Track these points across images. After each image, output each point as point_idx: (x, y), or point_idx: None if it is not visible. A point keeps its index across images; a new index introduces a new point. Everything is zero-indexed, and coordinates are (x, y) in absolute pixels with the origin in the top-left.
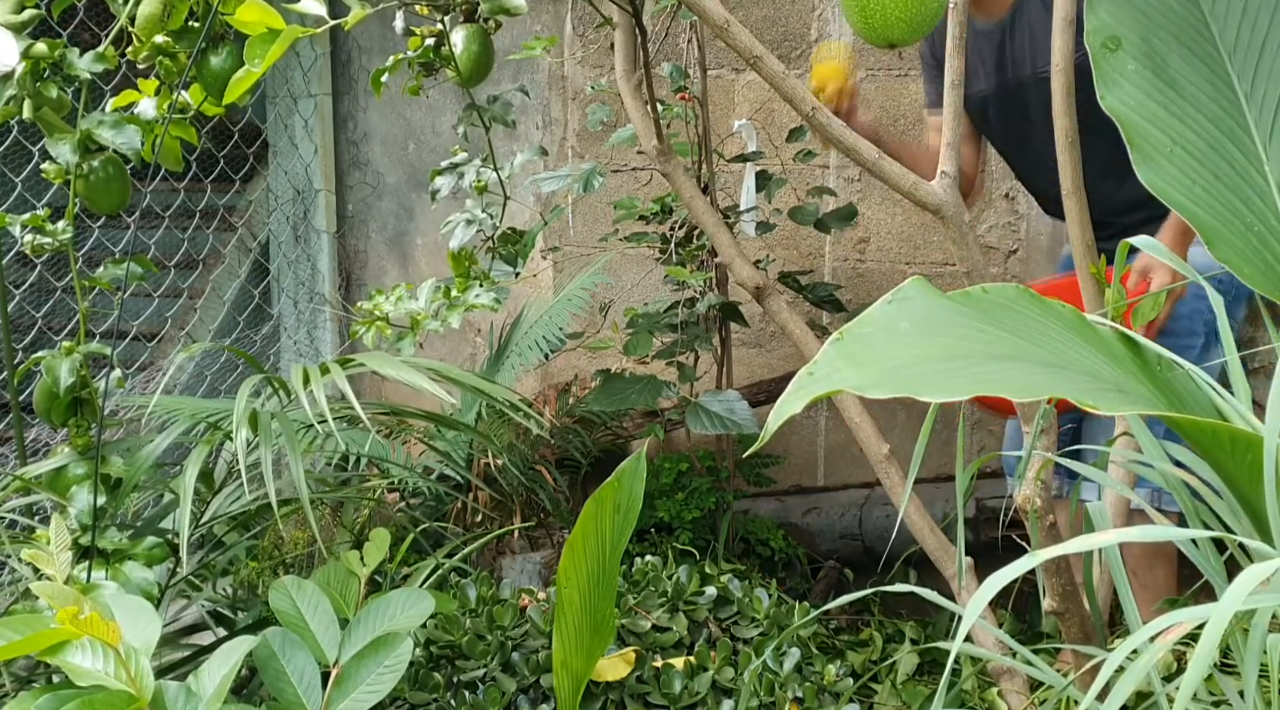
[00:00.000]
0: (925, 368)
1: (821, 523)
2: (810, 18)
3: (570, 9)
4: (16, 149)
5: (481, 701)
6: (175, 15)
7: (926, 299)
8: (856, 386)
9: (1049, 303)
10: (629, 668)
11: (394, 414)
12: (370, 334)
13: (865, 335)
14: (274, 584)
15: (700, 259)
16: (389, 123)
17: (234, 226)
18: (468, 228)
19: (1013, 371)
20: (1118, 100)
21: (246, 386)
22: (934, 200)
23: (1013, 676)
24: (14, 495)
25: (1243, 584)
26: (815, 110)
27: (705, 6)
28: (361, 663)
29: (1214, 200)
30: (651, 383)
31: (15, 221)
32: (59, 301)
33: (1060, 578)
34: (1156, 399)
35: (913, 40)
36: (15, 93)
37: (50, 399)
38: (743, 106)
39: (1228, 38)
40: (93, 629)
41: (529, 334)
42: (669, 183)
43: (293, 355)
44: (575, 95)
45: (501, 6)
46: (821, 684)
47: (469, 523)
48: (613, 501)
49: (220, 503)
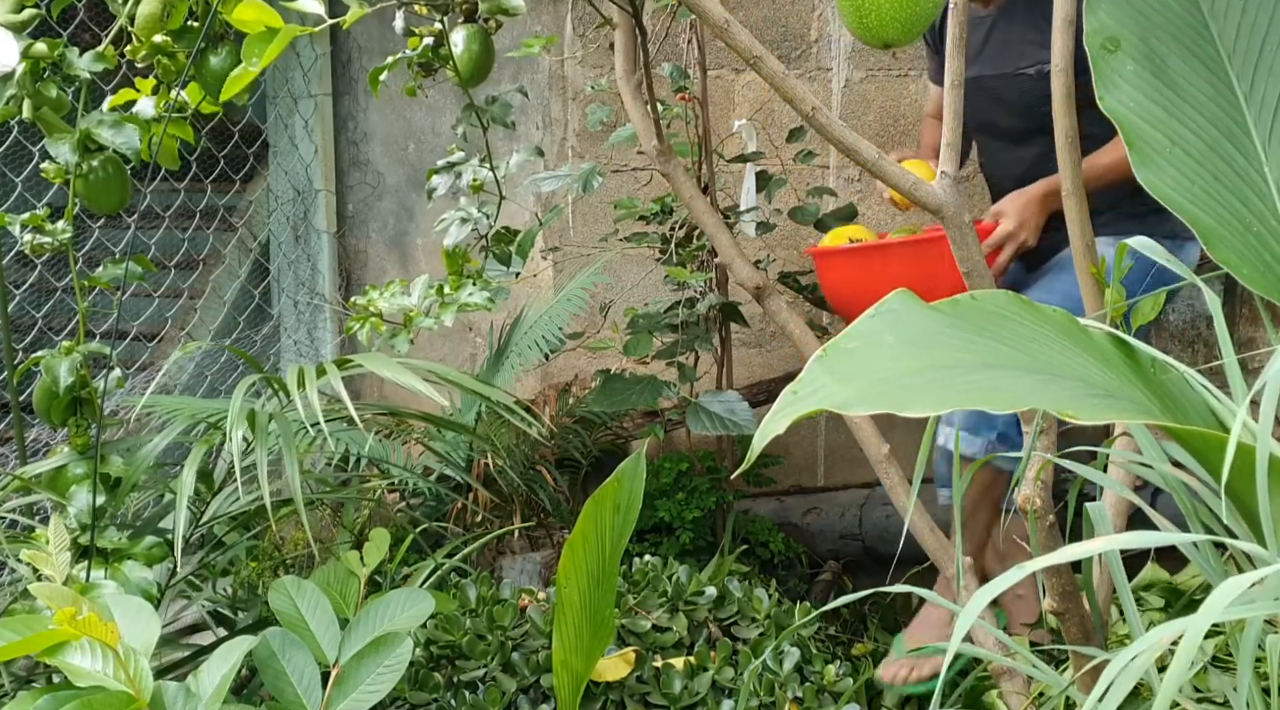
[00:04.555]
0: (910, 381)
1: (821, 523)
2: (810, 18)
3: (570, 9)
4: (16, 149)
5: (481, 701)
6: (175, 15)
7: (911, 310)
8: (841, 404)
9: (1041, 308)
10: (629, 668)
11: (393, 415)
12: (365, 330)
13: (850, 350)
14: (274, 584)
15: (700, 259)
16: (389, 123)
17: (234, 226)
18: (462, 226)
19: (999, 381)
20: (1117, 101)
21: (243, 386)
22: (934, 200)
23: (1012, 677)
24: (14, 495)
25: (1220, 597)
26: (815, 110)
27: (705, 6)
28: (361, 663)
29: (1213, 201)
30: (652, 383)
31: (15, 221)
32: (59, 301)
33: (1060, 578)
34: (1149, 403)
35: (908, 40)
36: (15, 93)
37: (50, 399)
38: (743, 106)
39: (1227, 38)
40: (91, 629)
41: (529, 334)
42: (669, 183)
43: (293, 355)
44: (575, 95)
45: (501, 6)
46: (821, 684)
47: (469, 523)
48: (613, 501)
49: (220, 503)
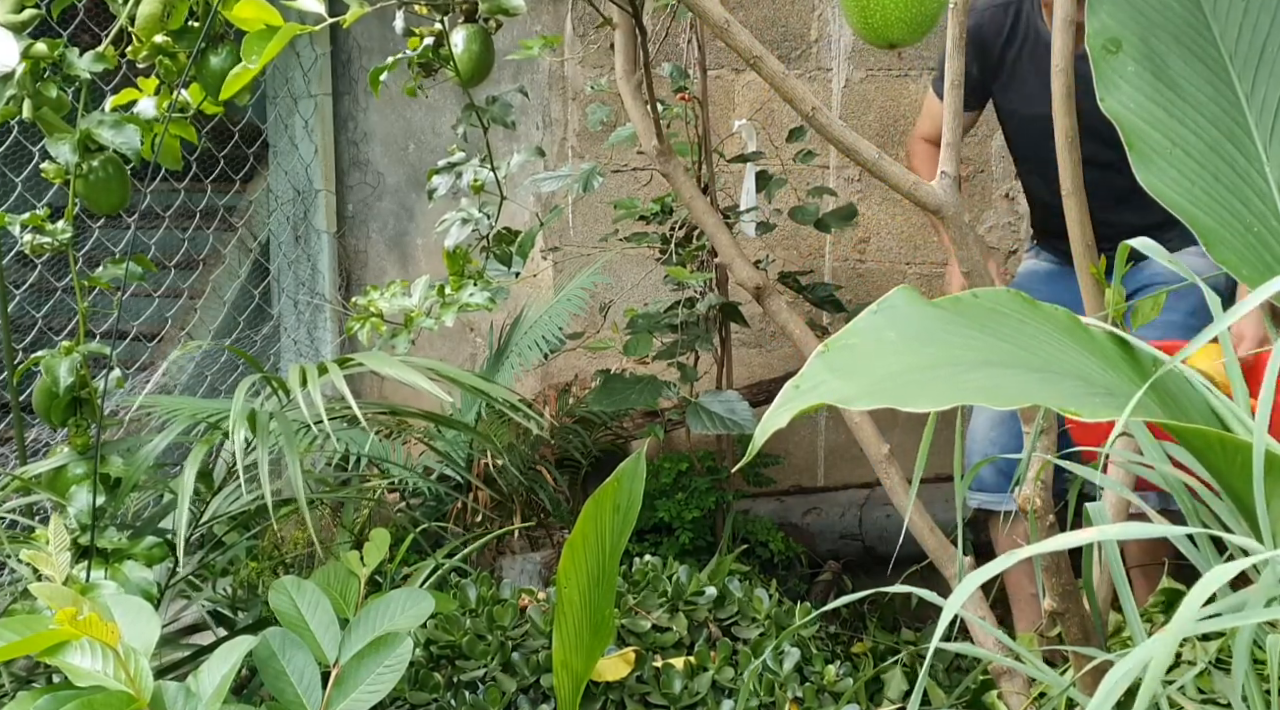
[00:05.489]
0: (910, 377)
1: (821, 523)
2: (810, 18)
3: (570, 9)
4: (16, 149)
5: (481, 701)
6: (175, 15)
7: (913, 307)
8: (842, 399)
9: (1041, 306)
10: (629, 668)
11: (393, 414)
12: (365, 330)
13: (851, 346)
14: (274, 584)
15: (700, 259)
16: (389, 123)
17: (234, 227)
18: (463, 227)
19: (998, 378)
20: (1117, 102)
21: (244, 386)
22: (934, 200)
23: (1012, 677)
24: (14, 495)
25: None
26: (815, 110)
27: (705, 6)
28: (361, 663)
29: (1213, 202)
30: (652, 383)
31: (15, 221)
32: (59, 301)
33: (1060, 577)
34: (1150, 402)
35: (912, 40)
36: (15, 93)
37: (50, 399)
38: (743, 106)
39: (1228, 39)
40: (91, 629)
41: (529, 334)
42: (669, 183)
43: (293, 355)
44: (575, 95)
45: (500, 6)
46: (821, 684)
47: (469, 523)
48: (613, 501)
49: (220, 503)
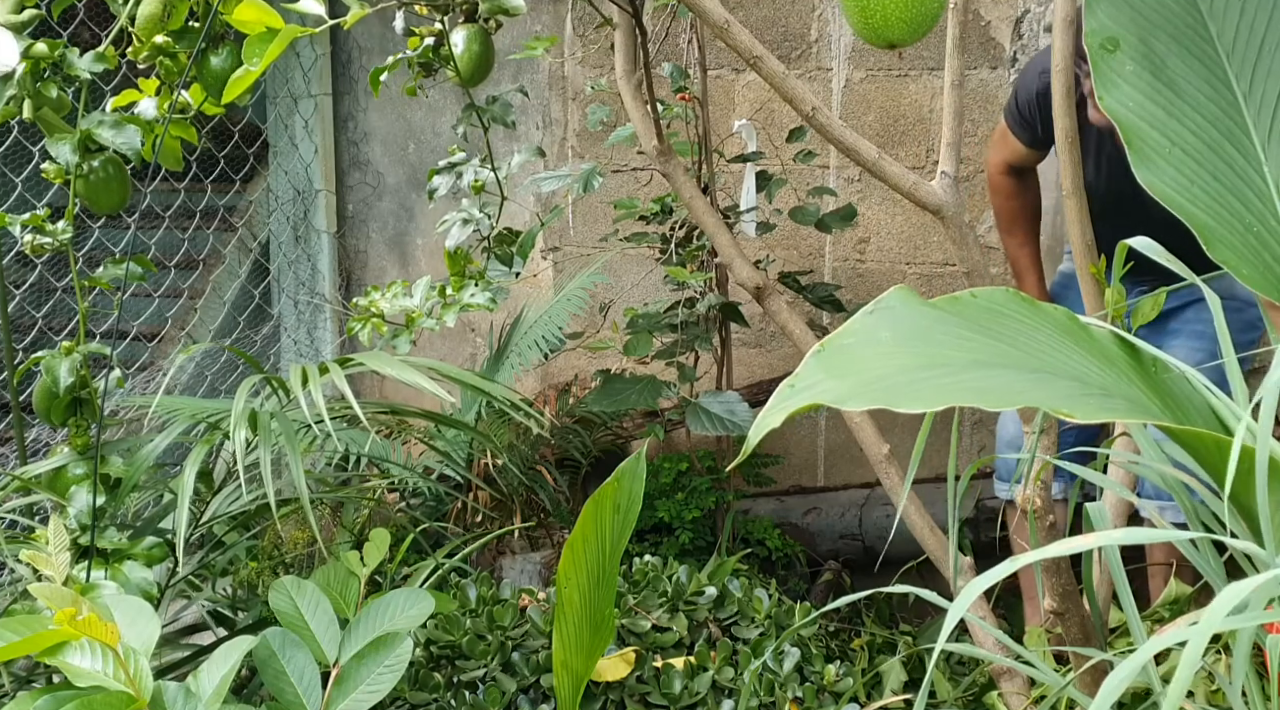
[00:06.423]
0: (904, 378)
1: (821, 523)
2: (810, 18)
3: (570, 9)
4: (16, 149)
5: (481, 701)
6: (175, 15)
7: (909, 307)
8: (836, 399)
9: (1040, 306)
10: (629, 668)
11: (394, 413)
12: (366, 331)
13: (846, 346)
14: (274, 584)
15: (700, 259)
16: (389, 123)
17: (234, 227)
18: (464, 227)
19: (993, 379)
20: (1116, 102)
21: (245, 386)
22: (934, 200)
23: (1012, 677)
24: (14, 495)
25: (1222, 604)
26: (815, 110)
27: (705, 6)
28: (361, 663)
29: (1212, 201)
30: (651, 383)
31: (15, 221)
32: (59, 301)
33: (1060, 578)
34: (1149, 403)
35: (912, 40)
36: (15, 93)
37: (50, 399)
38: (743, 106)
39: (1226, 38)
40: (91, 630)
41: (529, 334)
42: (669, 183)
43: (293, 355)
44: (575, 95)
45: (501, 6)
46: (821, 684)
47: (469, 523)
48: (613, 501)
49: (220, 503)
